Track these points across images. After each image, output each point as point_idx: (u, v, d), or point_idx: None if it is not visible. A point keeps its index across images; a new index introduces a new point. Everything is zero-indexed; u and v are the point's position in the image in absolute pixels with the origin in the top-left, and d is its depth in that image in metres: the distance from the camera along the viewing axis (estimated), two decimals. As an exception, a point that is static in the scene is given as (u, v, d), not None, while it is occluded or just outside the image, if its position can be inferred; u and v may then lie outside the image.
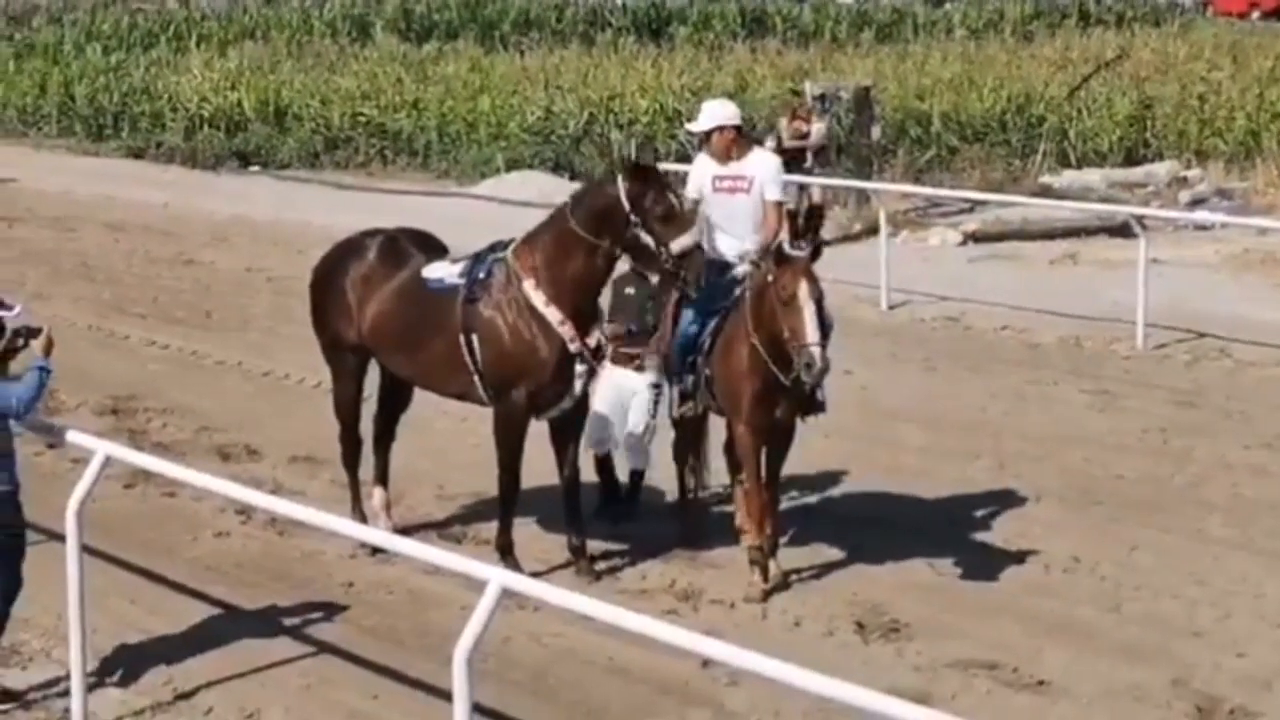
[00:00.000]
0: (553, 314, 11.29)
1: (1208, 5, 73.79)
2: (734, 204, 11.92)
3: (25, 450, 9.83)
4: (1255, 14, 71.98)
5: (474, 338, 11.46)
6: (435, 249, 12.20)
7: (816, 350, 10.69)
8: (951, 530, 12.53)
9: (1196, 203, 26.70)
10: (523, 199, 27.65)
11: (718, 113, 12.16)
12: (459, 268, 11.71)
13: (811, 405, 11.43)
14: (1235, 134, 31.09)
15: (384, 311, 11.93)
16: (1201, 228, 24.31)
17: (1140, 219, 20.18)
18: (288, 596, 11.31)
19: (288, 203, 28.89)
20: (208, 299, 21.20)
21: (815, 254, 11.07)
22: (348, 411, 12.56)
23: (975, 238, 24.62)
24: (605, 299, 12.07)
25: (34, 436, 10.71)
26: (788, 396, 11.20)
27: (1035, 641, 10.53)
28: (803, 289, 10.77)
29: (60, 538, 9.51)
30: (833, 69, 37.75)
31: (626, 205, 11.15)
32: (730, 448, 11.93)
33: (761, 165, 12.15)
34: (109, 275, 22.87)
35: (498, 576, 7.74)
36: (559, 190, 28.56)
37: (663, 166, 22.06)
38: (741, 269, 11.53)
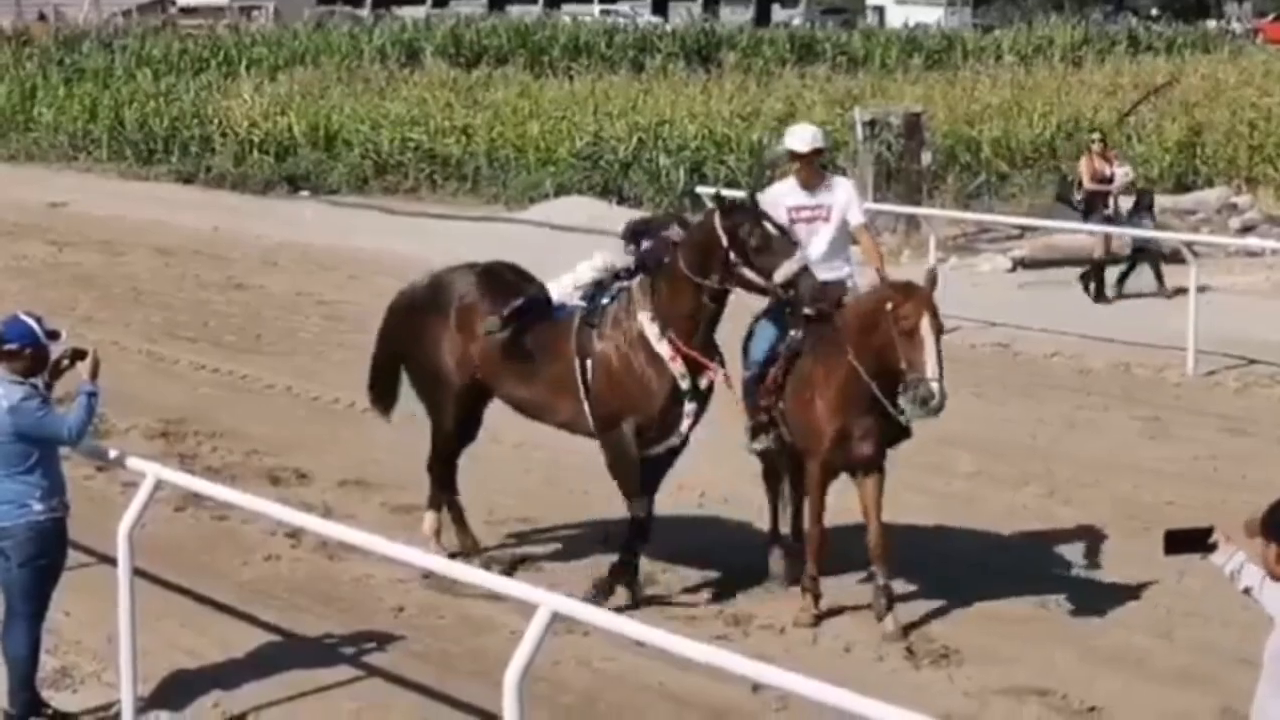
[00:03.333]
0: (665, 349, 11.22)
1: (1258, 32, 73.67)
2: (811, 233, 11.70)
3: (75, 474, 9.88)
4: (1305, 40, 71.75)
5: (588, 363, 11.43)
6: (533, 280, 12.10)
7: (936, 385, 10.43)
8: (1002, 556, 12.49)
9: (1247, 229, 26.57)
10: (571, 224, 27.67)
11: (813, 136, 11.99)
12: (580, 292, 11.68)
13: (901, 433, 11.16)
14: (1286, 160, 30.95)
15: (497, 337, 11.80)
16: (1252, 254, 24.19)
17: (1190, 245, 20.12)
18: (338, 621, 11.32)
19: (337, 227, 28.97)
20: (257, 323, 21.27)
21: (934, 283, 10.80)
22: (447, 443, 12.44)
23: (1025, 264, 24.55)
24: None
25: (84, 460, 10.75)
26: (882, 428, 10.95)
27: (1086, 668, 10.49)
28: (925, 321, 10.50)
29: (112, 561, 9.55)
30: (882, 95, 37.75)
31: (724, 241, 11.05)
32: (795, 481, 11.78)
33: (841, 191, 11.98)
34: (159, 299, 22.96)
35: (549, 601, 7.73)
36: (607, 216, 28.67)
37: (714, 191, 22.13)
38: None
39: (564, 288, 11.80)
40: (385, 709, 10.01)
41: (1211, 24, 75.95)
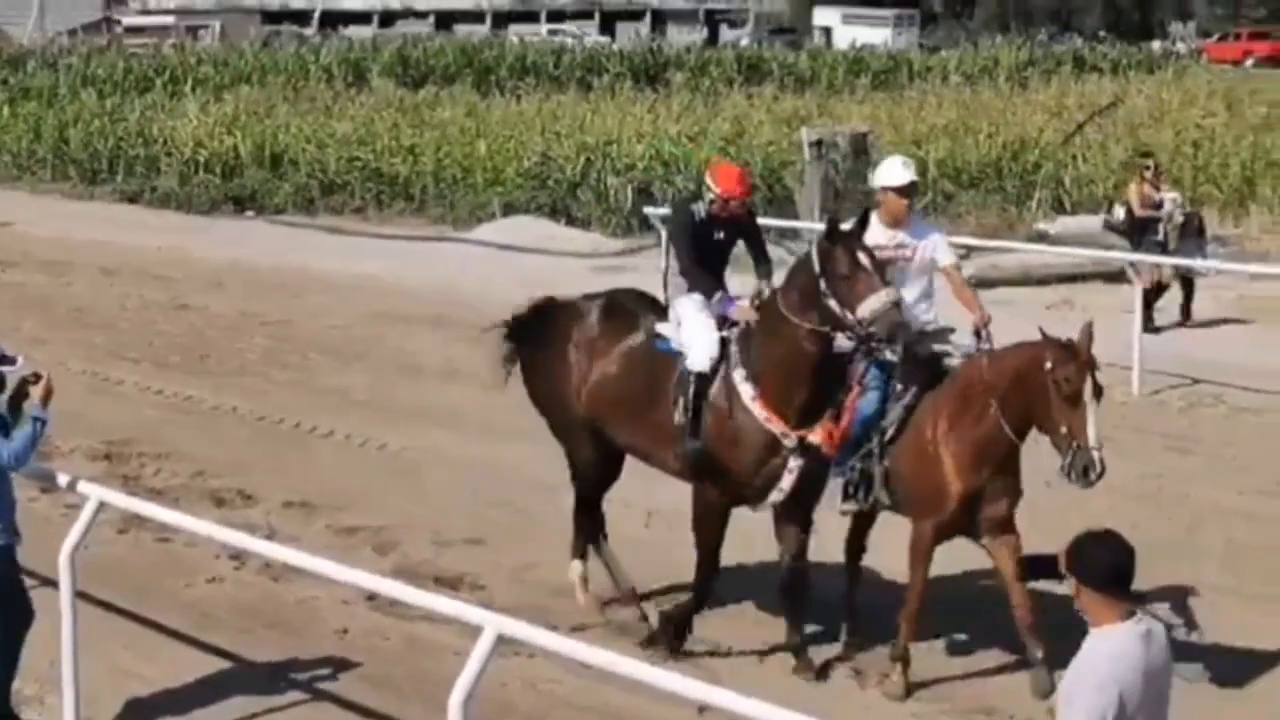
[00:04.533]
0: (759, 409, 10.47)
1: (1202, 53, 74.14)
2: (894, 274, 10.82)
3: (17, 496, 9.79)
4: (1249, 61, 72.29)
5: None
6: (659, 310, 11.43)
7: (1098, 455, 9.75)
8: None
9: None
10: (519, 244, 27.68)
11: (908, 167, 11.31)
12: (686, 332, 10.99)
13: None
14: (1230, 180, 31.12)
15: (608, 375, 11.26)
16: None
17: (1135, 265, 20.19)
18: (282, 643, 11.25)
19: (283, 248, 28.87)
20: (202, 344, 21.16)
21: (1091, 340, 10.03)
22: (584, 483, 11.81)
23: (972, 284, 24.54)
24: None
25: (27, 481, 10.67)
26: (1014, 488, 10.35)
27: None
28: (1089, 386, 9.80)
29: (54, 583, 9.48)
30: (829, 115, 37.85)
31: (816, 267, 10.32)
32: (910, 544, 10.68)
33: (925, 230, 11.36)
34: (104, 320, 22.84)
35: (493, 622, 7.70)
36: (554, 236, 28.70)
37: (662, 212, 22.02)
38: (942, 347, 10.73)
39: (674, 324, 11.10)
40: (330, 732, 9.97)
41: (1156, 45, 76.48)
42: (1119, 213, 22.61)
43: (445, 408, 17.35)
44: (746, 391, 10.51)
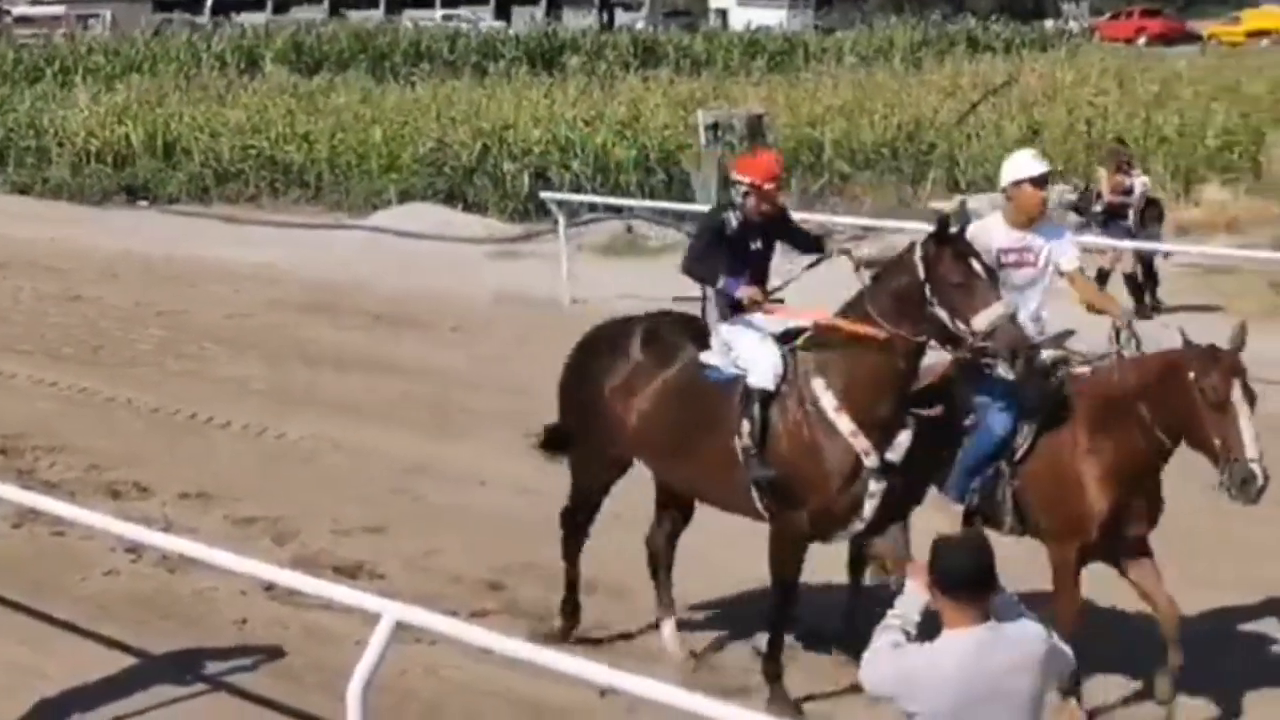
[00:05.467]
0: (844, 422, 9.58)
1: (1094, 31, 74.68)
2: (1018, 279, 10.04)
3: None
4: (1141, 39, 72.93)
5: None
6: (701, 334, 10.42)
7: (1258, 466, 9.07)
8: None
9: (1085, 226, 26.83)
10: (415, 230, 27.57)
11: (1040, 161, 10.33)
12: (736, 355, 10.05)
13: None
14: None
15: (652, 411, 10.32)
16: (1085, 250, 24.40)
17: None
18: (180, 635, 11.17)
19: (177, 237, 28.63)
20: (96, 335, 20.96)
21: (1242, 343, 9.29)
22: (584, 512, 11.01)
23: (868, 264, 24.61)
24: None
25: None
26: (1157, 504, 9.74)
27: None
28: (1237, 392, 9.13)
29: (-55, 579, 9.38)
30: (725, 97, 37.84)
31: (922, 274, 9.41)
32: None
33: (1051, 231, 10.28)
34: (-5, 312, 22.61)
35: (390, 610, 7.67)
36: (451, 222, 28.60)
37: (559, 197, 21.92)
38: (1059, 353, 9.81)
39: (722, 350, 10.17)
40: (230, 723, 9.91)
41: (1050, 23, 76.98)
42: (1075, 194, 22.61)
43: (342, 396, 17.27)
44: (829, 402, 9.63)
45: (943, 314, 9.29)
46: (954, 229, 9.49)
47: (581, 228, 25.63)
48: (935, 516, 9.78)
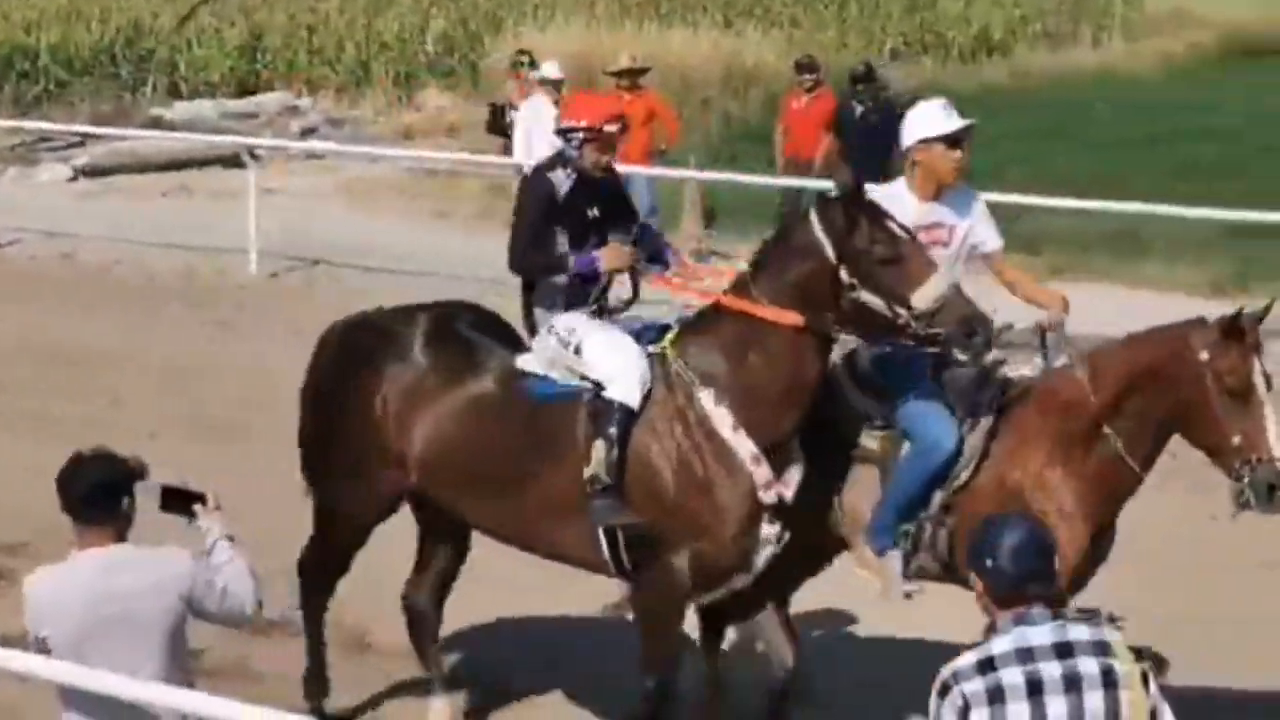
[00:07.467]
0: (743, 444, 7.63)
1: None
2: None
3: None
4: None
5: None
6: (507, 333, 8.44)
7: None
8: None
9: (307, 132, 27.01)
10: None
11: (953, 113, 8.04)
12: (566, 361, 8.02)
13: None
14: (345, 64, 31.64)
15: (451, 434, 8.15)
16: (314, 157, 24.63)
17: (251, 150, 20.35)
18: None
19: None
20: None
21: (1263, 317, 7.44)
22: (336, 560, 8.78)
23: (86, 172, 24.17)
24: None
25: None
26: (1109, 544, 7.80)
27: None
28: (1259, 374, 7.34)
29: None
30: None
31: (833, 258, 7.49)
32: None
33: (966, 204, 8.12)
34: None
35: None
36: None
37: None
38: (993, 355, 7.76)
39: (545, 355, 8.13)
40: None
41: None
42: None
43: None
44: (723, 419, 7.66)
45: (873, 299, 7.42)
46: (850, 189, 7.63)
47: None
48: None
